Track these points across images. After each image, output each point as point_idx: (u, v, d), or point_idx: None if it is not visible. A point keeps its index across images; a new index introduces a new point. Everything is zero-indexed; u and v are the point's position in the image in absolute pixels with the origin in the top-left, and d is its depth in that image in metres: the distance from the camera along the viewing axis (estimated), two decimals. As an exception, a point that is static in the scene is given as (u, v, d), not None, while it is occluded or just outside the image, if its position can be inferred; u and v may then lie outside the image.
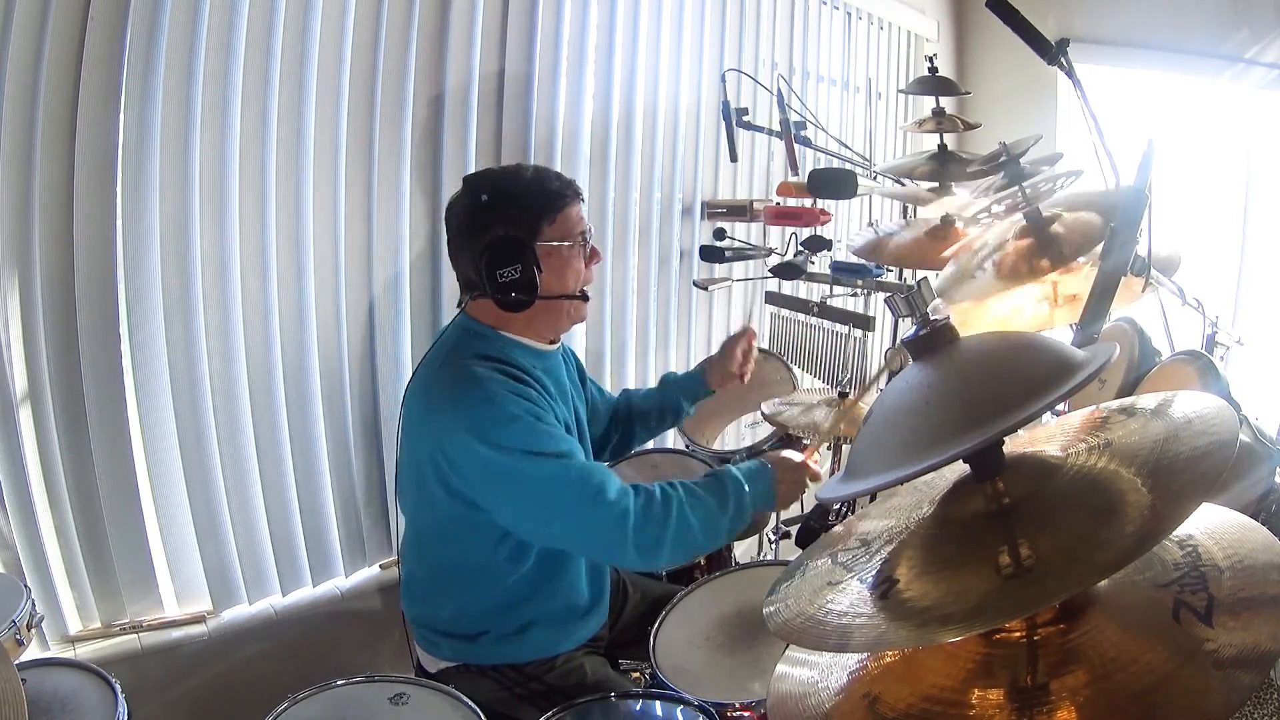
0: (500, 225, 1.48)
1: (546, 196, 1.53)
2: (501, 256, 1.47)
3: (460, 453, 1.44)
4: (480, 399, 1.44)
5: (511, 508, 1.47)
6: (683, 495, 1.48)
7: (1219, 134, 3.38)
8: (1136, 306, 1.57)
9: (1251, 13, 3.16)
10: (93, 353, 1.59)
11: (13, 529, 1.55)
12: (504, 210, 1.49)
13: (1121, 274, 1.27)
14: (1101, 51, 3.46)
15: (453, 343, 1.54)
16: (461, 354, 1.50)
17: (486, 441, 1.42)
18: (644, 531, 1.42)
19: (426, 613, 1.64)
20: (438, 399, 1.49)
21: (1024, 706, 0.72)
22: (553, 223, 1.52)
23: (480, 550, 1.54)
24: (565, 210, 1.54)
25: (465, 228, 1.53)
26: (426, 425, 1.50)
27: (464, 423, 1.43)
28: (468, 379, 1.46)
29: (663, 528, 1.44)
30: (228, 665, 1.83)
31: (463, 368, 1.48)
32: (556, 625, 1.62)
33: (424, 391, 1.52)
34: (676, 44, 2.58)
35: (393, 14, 1.86)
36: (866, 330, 2.34)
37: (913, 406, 0.82)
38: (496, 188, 1.52)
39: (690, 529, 1.46)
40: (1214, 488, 0.69)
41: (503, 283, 1.47)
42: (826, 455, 2.48)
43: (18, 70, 1.43)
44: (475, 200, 1.51)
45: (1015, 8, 1.50)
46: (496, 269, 1.47)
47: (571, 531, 1.47)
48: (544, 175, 1.56)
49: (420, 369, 1.58)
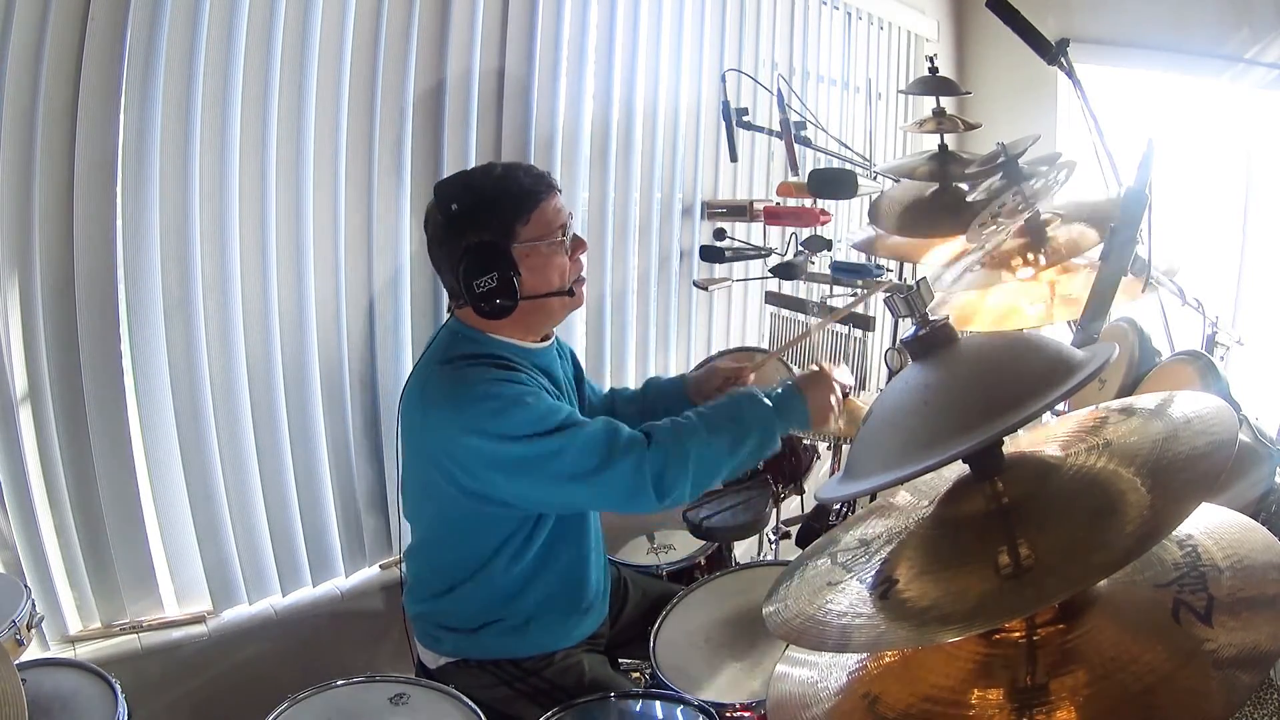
0: (473, 232, 1.46)
1: (518, 196, 1.49)
2: (476, 266, 1.45)
3: (467, 453, 1.44)
4: (473, 397, 1.43)
5: (533, 491, 1.47)
6: (699, 433, 1.44)
7: (1219, 134, 3.38)
8: (1136, 306, 1.57)
9: (1251, 13, 3.16)
10: (93, 353, 1.59)
11: (13, 529, 1.55)
12: (475, 216, 1.47)
13: (1122, 274, 1.27)
14: (1101, 51, 3.46)
15: (443, 346, 1.54)
16: (452, 357, 1.50)
17: (488, 436, 1.41)
18: (664, 476, 1.40)
19: (430, 609, 1.65)
20: (434, 404, 1.49)
21: (1024, 706, 0.72)
22: (527, 222, 1.48)
23: (488, 544, 1.54)
24: (540, 206, 1.50)
25: (439, 239, 1.51)
26: (427, 430, 1.50)
27: (463, 423, 1.43)
28: (460, 380, 1.46)
29: (682, 471, 1.42)
30: (228, 665, 1.83)
31: (454, 370, 1.48)
32: (557, 621, 1.62)
33: (419, 397, 1.52)
34: (676, 44, 2.58)
35: (393, 13, 1.86)
36: (866, 330, 2.34)
37: (912, 407, 0.82)
38: (466, 193, 1.49)
39: (712, 464, 1.45)
40: (1214, 488, 0.69)
41: (481, 292, 1.45)
42: (826, 455, 2.49)
43: (18, 70, 1.43)
44: (446, 209, 1.49)
45: (1015, 8, 1.50)
46: (473, 279, 1.45)
47: (595, 495, 1.46)
48: (513, 173, 1.51)
49: (414, 375, 1.59)
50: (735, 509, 1.98)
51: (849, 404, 2.06)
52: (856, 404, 2.08)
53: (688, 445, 1.43)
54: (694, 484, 1.44)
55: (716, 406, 1.52)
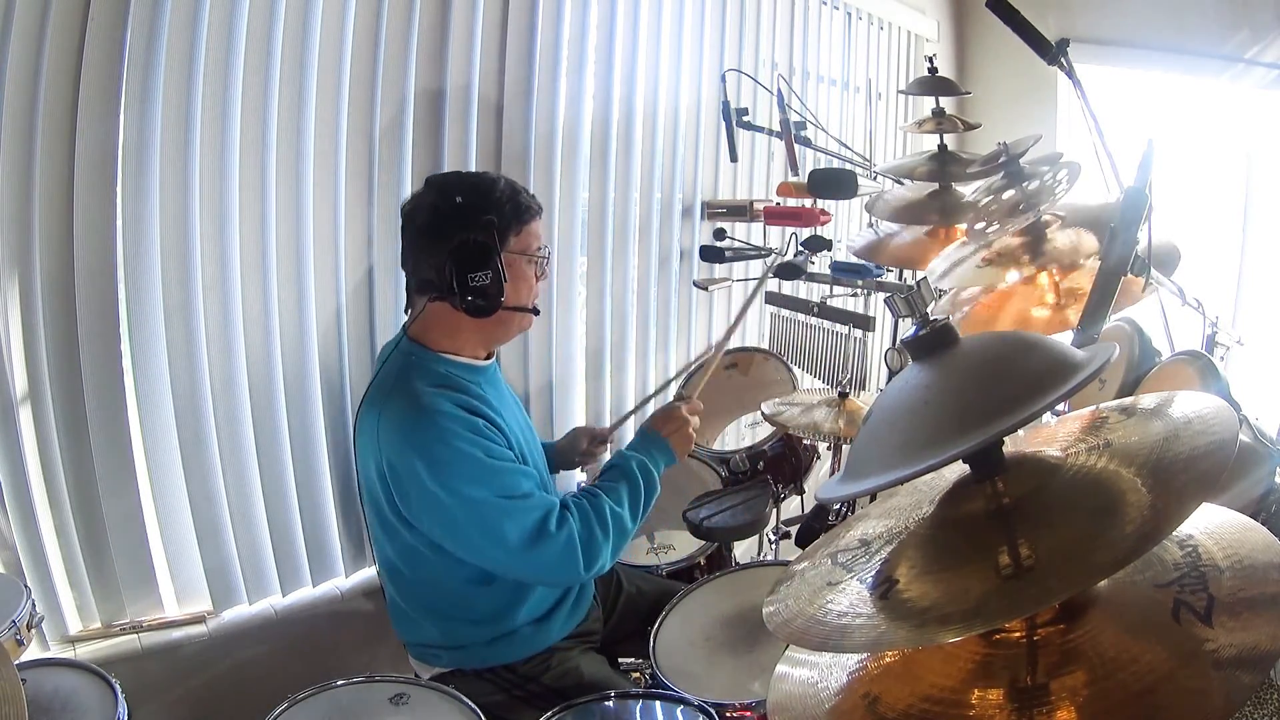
0: (473, 229, 1.49)
1: (517, 207, 1.55)
2: (473, 260, 1.48)
3: (409, 481, 1.45)
4: (434, 436, 1.44)
5: (456, 544, 1.49)
6: (607, 499, 1.55)
7: (1219, 134, 3.38)
8: (1136, 306, 1.57)
9: (1251, 13, 3.16)
10: (93, 353, 1.58)
11: (13, 529, 1.55)
12: (478, 215, 1.50)
13: (1122, 274, 1.27)
14: (1101, 51, 3.46)
15: (397, 371, 1.54)
16: (408, 380, 1.50)
17: (436, 478, 1.43)
18: (589, 549, 1.48)
19: (411, 632, 1.67)
20: (388, 426, 1.48)
21: (1024, 706, 0.72)
22: (518, 234, 1.55)
23: (450, 576, 1.56)
24: (530, 224, 1.57)
25: (433, 227, 1.52)
26: (378, 452, 1.50)
27: (414, 453, 1.44)
28: (416, 407, 1.46)
29: (605, 537, 1.50)
30: (228, 665, 1.83)
31: (412, 395, 1.48)
32: (541, 622, 1.64)
33: (374, 420, 1.51)
34: (676, 44, 2.58)
35: (393, 13, 1.86)
36: (867, 330, 2.34)
37: (912, 407, 0.82)
38: (472, 191, 1.53)
39: (624, 525, 1.55)
40: (1214, 488, 0.69)
41: (474, 286, 1.48)
42: (827, 455, 2.48)
43: (18, 70, 1.43)
44: (448, 201, 1.51)
45: (1015, 8, 1.50)
46: (468, 272, 1.47)
47: (521, 567, 1.49)
48: (516, 186, 1.58)
49: (366, 400, 1.56)
50: (735, 509, 1.98)
51: (848, 404, 2.07)
52: (856, 404, 2.08)
53: (607, 519, 1.52)
54: (614, 553, 1.53)
55: (604, 472, 1.64)
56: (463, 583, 1.56)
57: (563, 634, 1.66)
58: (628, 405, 2.61)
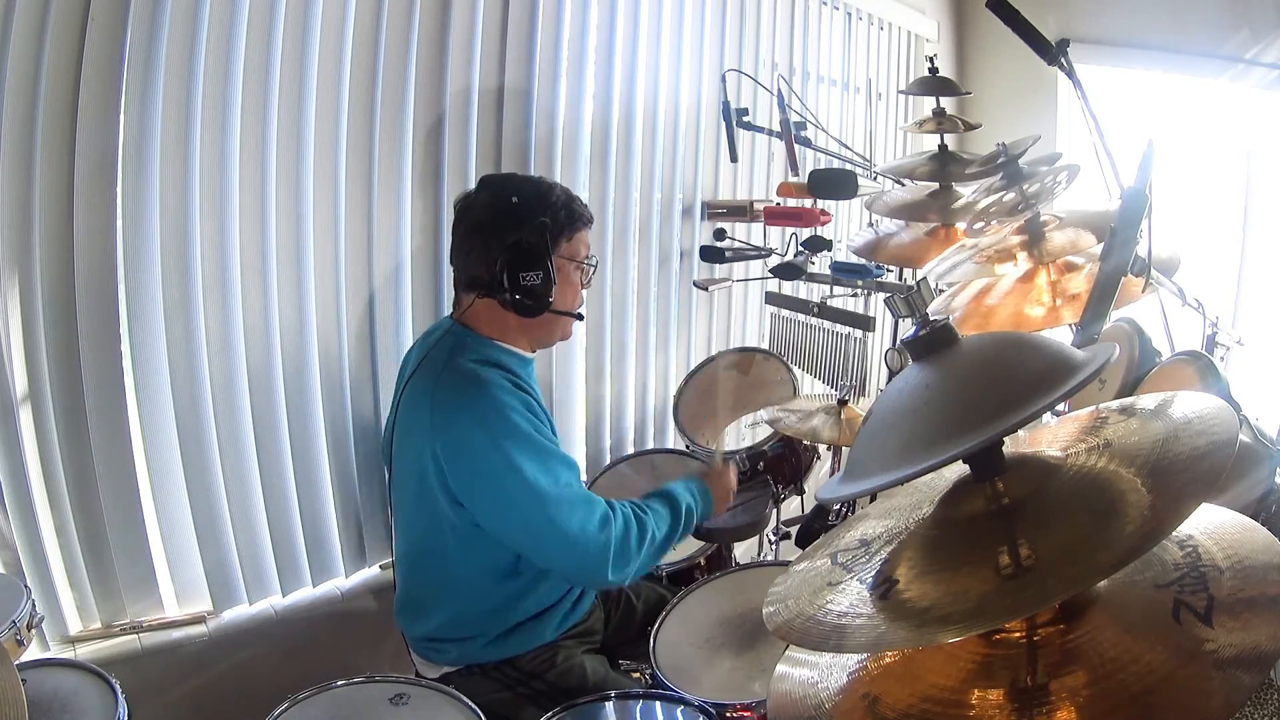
0: (527, 230, 1.52)
1: (571, 214, 1.59)
2: (526, 260, 1.52)
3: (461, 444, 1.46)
4: (489, 406, 1.47)
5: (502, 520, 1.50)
6: (652, 520, 1.58)
7: (1219, 134, 3.38)
8: (1136, 306, 1.57)
9: (1251, 13, 3.16)
10: (93, 353, 1.58)
11: (13, 529, 1.55)
12: (534, 216, 1.53)
13: (1122, 274, 1.27)
14: (1101, 51, 3.46)
15: (448, 350, 1.56)
16: (460, 359, 1.53)
17: (497, 448, 1.44)
18: (622, 558, 1.50)
19: (420, 624, 1.66)
20: (443, 399, 1.50)
21: (1024, 707, 0.72)
22: (570, 240, 1.60)
23: (478, 562, 1.55)
24: (581, 232, 1.62)
25: (487, 226, 1.55)
26: (429, 427, 1.50)
27: (474, 424, 1.46)
28: (473, 379, 1.49)
29: (638, 553, 1.53)
30: (228, 665, 1.83)
31: (465, 369, 1.50)
32: (545, 617, 1.64)
33: (427, 395, 1.52)
34: (676, 44, 2.58)
35: (393, 13, 1.86)
36: (867, 331, 2.34)
37: (912, 407, 0.82)
38: (530, 193, 1.56)
39: (656, 549, 1.58)
40: (1214, 488, 0.69)
41: (525, 286, 1.51)
42: (827, 456, 2.48)
43: (18, 70, 1.43)
44: (504, 201, 1.54)
45: (1015, 8, 1.50)
46: (520, 270, 1.51)
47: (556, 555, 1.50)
48: (571, 194, 1.64)
49: (416, 378, 1.58)
50: (736, 510, 1.98)
51: (847, 411, 2.07)
52: (855, 412, 2.08)
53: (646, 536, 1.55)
54: (639, 569, 1.56)
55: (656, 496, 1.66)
56: (481, 570, 1.56)
57: (564, 629, 1.66)
58: (628, 405, 2.61)
